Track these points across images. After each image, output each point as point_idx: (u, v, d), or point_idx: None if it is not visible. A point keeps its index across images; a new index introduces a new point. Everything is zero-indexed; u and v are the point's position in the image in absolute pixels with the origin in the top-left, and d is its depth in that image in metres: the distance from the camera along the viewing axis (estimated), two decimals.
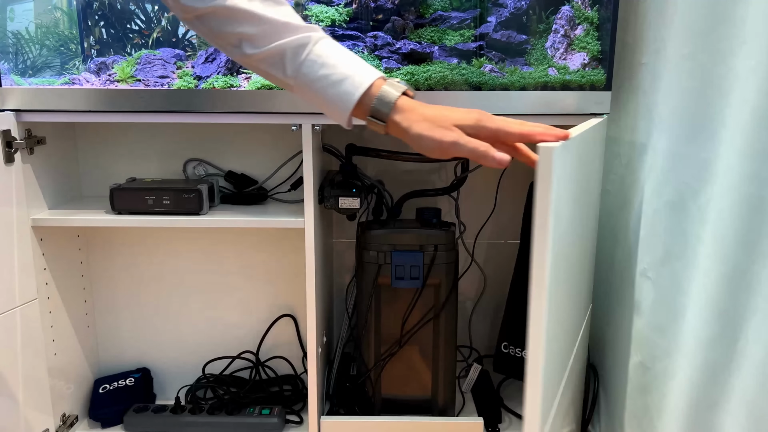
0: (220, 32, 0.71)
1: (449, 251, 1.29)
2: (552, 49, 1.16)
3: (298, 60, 0.70)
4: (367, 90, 0.69)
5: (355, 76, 0.69)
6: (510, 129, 0.68)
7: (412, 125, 0.68)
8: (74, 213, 1.26)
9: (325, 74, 0.69)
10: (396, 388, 1.36)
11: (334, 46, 0.71)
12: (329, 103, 0.70)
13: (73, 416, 1.39)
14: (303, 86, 0.71)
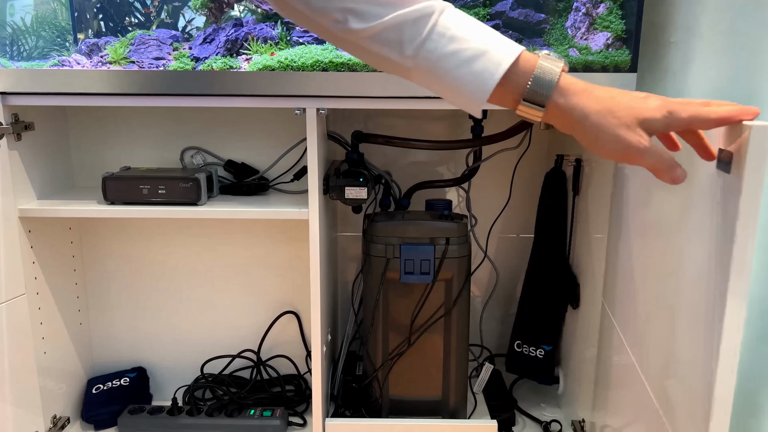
0: (321, 8, 0.58)
1: (462, 245, 1.22)
2: (573, 28, 1.09)
3: (421, 35, 0.57)
4: (512, 66, 0.56)
5: (494, 50, 0.56)
6: (707, 116, 0.55)
7: (589, 114, 0.55)
8: (65, 203, 1.20)
9: (456, 49, 0.56)
10: (405, 389, 1.29)
11: (464, 17, 0.58)
12: (462, 85, 0.57)
13: (65, 418, 1.32)
14: (426, 68, 0.58)
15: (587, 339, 1.21)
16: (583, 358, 1.24)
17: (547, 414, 1.37)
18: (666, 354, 0.79)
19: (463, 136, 1.34)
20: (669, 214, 0.82)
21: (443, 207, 1.26)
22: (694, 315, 0.70)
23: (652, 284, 0.88)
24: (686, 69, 0.99)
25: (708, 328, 0.64)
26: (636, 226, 0.97)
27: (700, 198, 0.68)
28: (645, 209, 0.93)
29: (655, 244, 0.87)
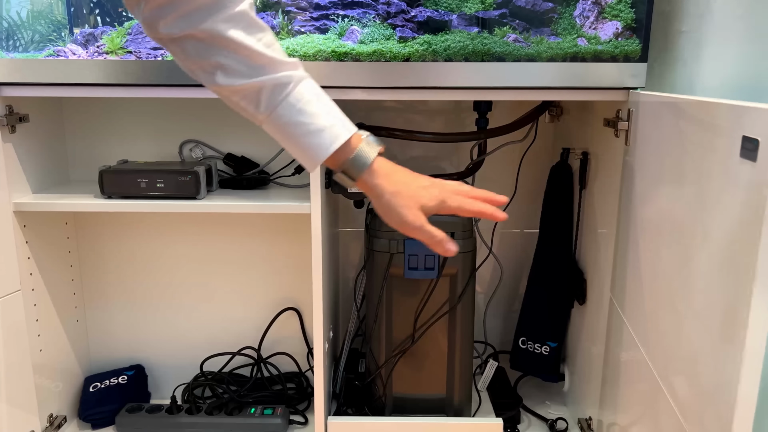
0: (196, 58, 0.66)
1: (467, 239, 1.20)
2: (581, 17, 1.06)
3: (276, 100, 0.67)
4: (341, 146, 0.69)
5: (332, 128, 0.68)
6: (467, 208, 0.72)
7: (384, 194, 0.70)
8: (61, 197, 1.17)
9: (302, 122, 0.67)
10: (408, 387, 1.27)
11: (314, 90, 0.69)
12: (301, 149, 0.69)
13: (61, 417, 1.30)
14: (275, 126, 0.69)
15: (594, 335, 1.19)
16: (590, 354, 1.22)
17: (552, 412, 1.35)
18: (683, 351, 0.77)
19: (464, 130, 1.32)
20: (685, 207, 0.79)
21: None
22: (713, 311, 0.68)
23: (667, 280, 0.85)
24: (698, 58, 0.96)
25: (729, 324, 0.61)
26: (648, 220, 0.94)
27: (720, 189, 0.66)
28: (657, 202, 0.91)
29: (670, 238, 0.85)
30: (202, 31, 0.64)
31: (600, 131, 1.15)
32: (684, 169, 0.80)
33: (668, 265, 0.85)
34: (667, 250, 0.86)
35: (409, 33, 1.05)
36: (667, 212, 0.86)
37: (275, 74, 0.66)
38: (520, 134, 1.34)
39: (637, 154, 0.98)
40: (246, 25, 0.66)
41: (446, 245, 0.72)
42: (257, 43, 0.66)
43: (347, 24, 1.05)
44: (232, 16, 0.65)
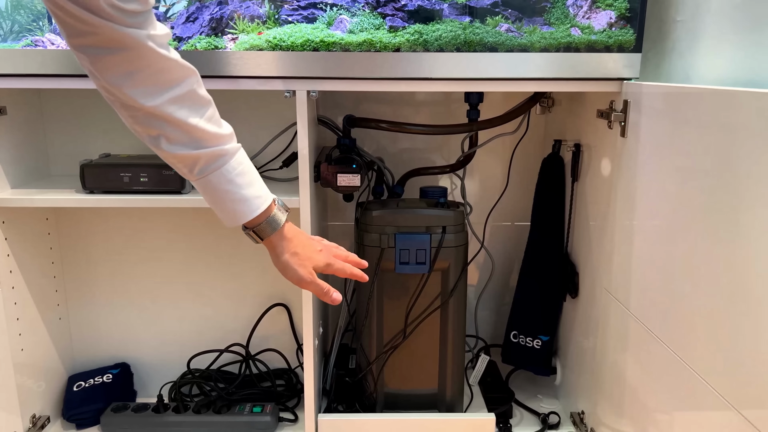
0: (144, 125, 0.72)
1: (458, 233, 1.18)
2: (574, 6, 1.04)
3: (209, 169, 0.75)
4: (260, 213, 0.79)
5: (255, 199, 0.78)
6: (346, 271, 0.87)
7: (284, 253, 0.82)
8: (41, 192, 1.14)
9: (230, 190, 0.77)
10: (400, 382, 1.25)
11: (243, 163, 0.78)
12: (225, 212, 0.79)
13: (45, 417, 1.27)
14: (203, 187, 0.77)
15: (587, 329, 1.18)
16: (582, 348, 1.21)
17: (544, 406, 1.34)
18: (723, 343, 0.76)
19: (455, 122, 1.29)
20: (699, 198, 0.78)
21: (439, 194, 1.22)
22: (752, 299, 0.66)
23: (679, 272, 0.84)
24: (694, 48, 0.95)
25: None
26: (652, 212, 0.93)
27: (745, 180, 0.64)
28: (662, 194, 0.89)
29: (680, 229, 0.83)
30: (151, 108, 0.70)
31: (592, 123, 1.13)
32: (695, 160, 0.79)
33: (680, 257, 0.84)
34: (677, 241, 0.85)
35: (400, 22, 1.02)
36: (677, 203, 0.84)
37: (212, 147, 0.74)
38: (512, 126, 1.32)
39: (636, 146, 0.97)
40: (192, 105, 0.72)
41: (332, 296, 0.85)
42: (200, 121, 0.73)
43: (336, 13, 1.03)
44: (180, 97, 0.71)
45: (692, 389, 0.81)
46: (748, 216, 0.69)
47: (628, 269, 1.01)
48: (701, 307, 0.79)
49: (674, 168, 0.85)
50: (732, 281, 0.73)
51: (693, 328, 0.81)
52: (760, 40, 0.77)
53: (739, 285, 0.72)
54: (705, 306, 0.78)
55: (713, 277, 0.76)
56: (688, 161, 0.82)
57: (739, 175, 0.71)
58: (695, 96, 0.81)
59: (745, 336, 0.70)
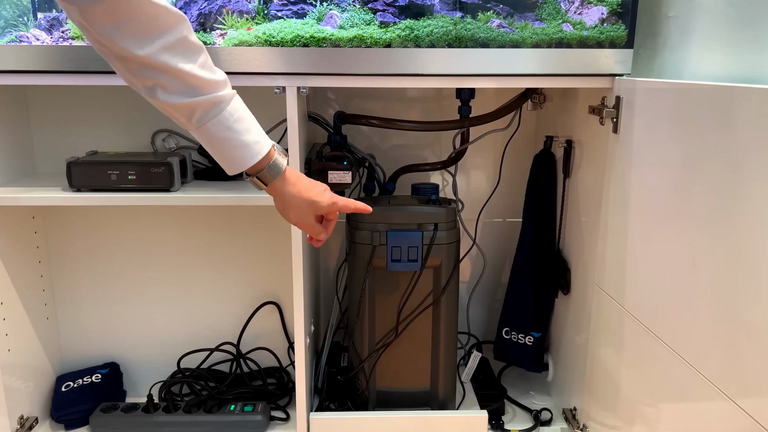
0: (138, 76, 0.73)
1: (450, 230, 1.17)
2: (566, 2, 1.04)
3: (206, 117, 0.76)
4: (261, 158, 0.80)
5: (255, 144, 0.79)
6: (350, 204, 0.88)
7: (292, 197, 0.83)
8: (27, 190, 1.13)
9: (228, 137, 0.77)
10: (392, 380, 1.25)
11: (240, 109, 0.79)
12: (226, 159, 0.79)
13: (33, 418, 1.25)
14: (203, 136, 0.78)
15: (579, 325, 1.18)
16: (574, 344, 1.21)
17: (537, 402, 1.34)
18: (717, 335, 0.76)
19: (446, 119, 1.29)
20: (699, 194, 0.78)
21: (431, 191, 1.21)
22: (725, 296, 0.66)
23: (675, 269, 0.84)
24: (685, 44, 0.95)
25: None
26: (646, 209, 0.93)
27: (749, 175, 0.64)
28: (658, 190, 0.89)
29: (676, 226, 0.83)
30: (144, 57, 0.70)
31: (584, 119, 1.13)
32: (688, 156, 0.79)
33: (672, 252, 0.83)
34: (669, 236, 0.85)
35: (390, 18, 1.01)
36: (669, 199, 0.84)
37: (209, 95, 0.75)
38: (503, 122, 1.31)
39: (628, 142, 0.97)
40: (184, 51, 0.72)
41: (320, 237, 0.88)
42: (194, 68, 0.73)
43: (326, 8, 1.02)
44: (172, 45, 0.71)
45: (686, 382, 0.81)
46: (740, 210, 0.69)
47: (620, 265, 1.01)
48: (695, 300, 0.79)
49: (667, 164, 0.85)
50: (724, 274, 0.73)
51: (686, 322, 0.81)
52: (752, 36, 0.77)
53: (731, 277, 0.72)
54: (698, 299, 0.78)
55: (706, 270, 0.77)
56: (681, 157, 0.82)
57: (733, 171, 0.71)
58: (689, 92, 0.81)
59: (739, 326, 0.71)
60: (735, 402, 0.72)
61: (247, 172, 0.81)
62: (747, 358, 0.70)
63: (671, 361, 0.85)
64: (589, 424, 1.16)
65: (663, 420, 0.89)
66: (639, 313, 0.95)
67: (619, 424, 1.03)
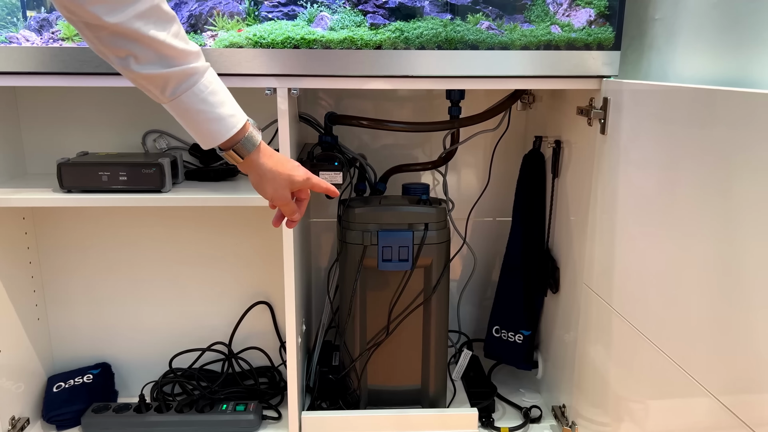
0: (110, 46, 0.71)
1: (441, 230, 1.18)
2: (554, 4, 1.05)
3: (180, 88, 0.74)
4: (237, 132, 0.79)
5: (230, 117, 0.78)
6: (321, 184, 0.88)
7: (267, 170, 0.83)
8: (17, 191, 1.12)
9: (203, 110, 0.76)
10: (383, 379, 1.26)
11: (214, 81, 0.77)
12: (201, 133, 0.78)
13: (24, 419, 1.25)
14: (177, 109, 0.77)
15: (568, 323, 1.19)
16: (563, 342, 1.23)
17: (526, 400, 1.35)
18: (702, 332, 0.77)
19: (436, 118, 1.30)
20: (685, 195, 0.79)
21: (421, 191, 1.22)
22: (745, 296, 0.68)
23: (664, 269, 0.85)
24: (671, 46, 0.96)
25: None
26: (633, 209, 0.94)
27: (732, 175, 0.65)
28: (644, 191, 0.91)
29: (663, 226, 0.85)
30: (115, 25, 0.68)
31: (572, 119, 1.14)
32: (674, 157, 0.80)
33: (659, 251, 0.85)
34: (656, 235, 0.86)
35: (381, 20, 1.02)
36: (655, 199, 0.86)
37: (182, 66, 0.73)
38: (493, 123, 1.33)
39: (615, 143, 0.98)
40: (157, 20, 0.71)
41: (294, 216, 0.87)
42: (167, 37, 0.72)
43: (316, 10, 1.02)
44: (144, 12, 0.69)
45: (671, 379, 0.83)
46: (723, 210, 0.71)
47: (607, 264, 1.02)
48: (680, 299, 0.81)
49: (653, 165, 0.87)
50: (709, 273, 0.74)
51: (672, 321, 0.83)
52: (735, 40, 0.79)
53: (716, 276, 0.73)
54: (683, 298, 0.80)
55: (690, 269, 0.78)
56: (666, 158, 0.83)
57: (716, 171, 0.72)
58: (673, 94, 0.82)
59: (723, 325, 0.72)
60: (718, 399, 0.73)
61: (222, 146, 0.79)
62: (729, 356, 0.71)
63: (657, 359, 0.86)
64: (578, 421, 1.17)
65: (650, 416, 0.90)
66: (626, 311, 0.96)
67: (608, 421, 1.04)
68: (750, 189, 0.67)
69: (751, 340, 0.67)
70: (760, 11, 0.73)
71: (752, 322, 0.67)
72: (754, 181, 0.66)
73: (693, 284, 0.78)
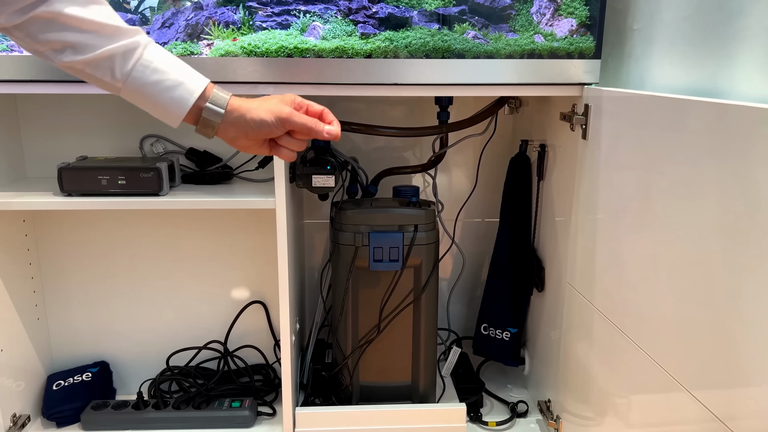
0: (43, 40, 0.69)
1: (430, 231, 1.22)
2: (538, 14, 1.09)
3: (128, 65, 0.71)
4: (200, 95, 0.74)
5: (187, 82, 0.73)
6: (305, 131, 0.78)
7: (246, 114, 0.75)
8: (18, 195, 1.15)
9: (158, 80, 0.72)
10: (375, 376, 1.30)
11: (162, 52, 0.74)
12: (163, 107, 0.73)
13: (25, 416, 1.28)
14: (133, 90, 0.73)
15: (553, 321, 1.24)
16: (548, 339, 1.27)
17: (514, 395, 1.40)
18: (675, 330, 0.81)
19: (428, 121, 1.34)
20: (659, 196, 0.83)
21: (411, 194, 1.26)
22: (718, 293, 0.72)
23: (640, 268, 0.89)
24: (648, 55, 1.00)
25: None
26: (612, 211, 0.99)
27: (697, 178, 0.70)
28: (622, 194, 0.95)
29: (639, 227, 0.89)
30: (42, 12, 0.67)
31: (556, 124, 1.18)
32: (649, 160, 0.85)
33: (636, 251, 0.89)
34: (633, 236, 0.90)
35: (371, 29, 1.06)
36: (633, 201, 0.90)
37: (122, 41, 0.70)
38: (480, 127, 1.37)
39: (596, 148, 1.02)
40: (82, 2, 0.69)
41: (320, 127, 0.78)
42: (98, 16, 0.69)
43: (309, 20, 1.06)
44: None
45: (649, 374, 0.87)
46: (693, 212, 0.75)
47: (589, 264, 1.06)
48: (655, 297, 0.85)
49: (630, 169, 0.91)
50: (680, 272, 0.79)
51: (648, 318, 0.87)
52: (706, 51, 0.83)
53: (686, 275, 0.77)
54: (658, 296, 0.84)
55: (664, 269, 0.82)
56: (642, 162, 0.87)
57: (687, 176, 0.76)
58: (649, 102, 0.86)
59: (694, 322, 0.76)
60: (692, 393, 0.77)
61: (188, 120, 0.74)
62: (701, 352, 0.75)
63: (635, 355, 0.90)
64: (563, 415, 1.21)
65: (631, 410, 0.94)
66: (606, 309, 1.01)
67: (591, 415, 1.09)
68: (714, 193, 0.71)
69: (719, 337, 0.71)
70: (726, 24, 0.77)
71: (720, 319, 0.71)
72: (718, 186, 0.70)
73: (666, 283, 0.82)
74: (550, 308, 1.26)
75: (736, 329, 0.68)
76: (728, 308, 0.70)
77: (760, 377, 0.65)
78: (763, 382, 0.64)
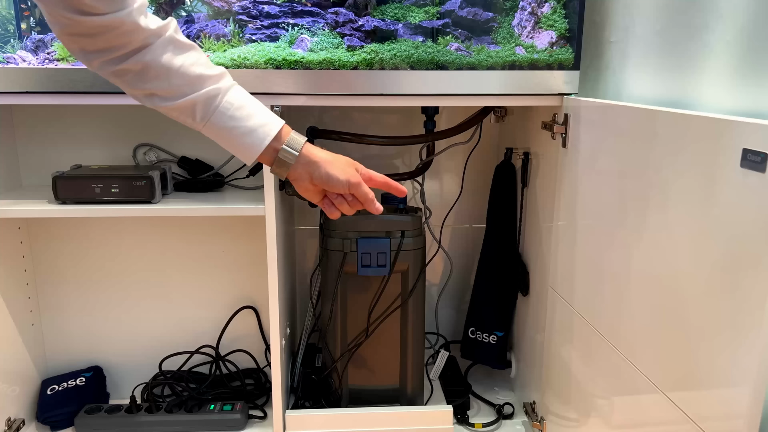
0: (135, 87, 0.75)
1: (416, 237, 1.25)
2: (519, 27, 1.13)
3: (209, 111, 0.77)
4: (274, 138, 0.79)
5: (262, 127, 0.79)
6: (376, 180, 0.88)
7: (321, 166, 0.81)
8: (13, 203, 1.17)
9: (234, 126, 0.77)
10: (363, 379, 1.32)
11: (242, 96, 0.79)
12: (237, 149, 0.79)
13: (19, 420, 1.30)
14: (212, 132, 0.79)
15: (537, 324, 1.27)
16: (534, 342, 1.30)
17: (500, 397, 1.42)
18: (651, 333, 0.85)
19: (416, 128, 1.37)
20: (634, 201, 0.87)
21: (398, 200, 1.29)
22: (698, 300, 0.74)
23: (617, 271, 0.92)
24: (624, 67, 1.04)
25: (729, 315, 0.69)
26: (592, 217, 1.02)
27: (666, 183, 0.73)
28: (600, 200, 0.98)
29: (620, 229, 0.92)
30: (134, 63, 0.73)
31: (539, 133, 1.22)
32: (624, 167, 0.88)
33: (613, 255, 0.92)
34: (610, 241, 0.93)
35: (357, 42, 1.09)
36: (610, 207, 0.93)
37: (204, 89, 0.76)
38: (466, 136, 1.40)
39: (575, 155, 1.06)
40: (174, 49, 0.75)
41: (376, 204, 0.86)
42: (184, 65, 0.75)
43: (297, 32, 1.09)
44: (159, 45, 0.74)
45: (626, 377, 0.90)
46: (663, 218, 0.78)
47: (570, 268, 1.10)
48: (629, 301, 0.88)
49: (607, 176, 0.94)
50: (652, 276, 0.82)
51: (623, 321, 0.90)
52: (675, 63, 0.87)
53: (658, 279, 0.80)
54: (632, 300, 0.87)
55: (638, 273, 0.85)
56: (617, 170, 0.91)
57: (658, 182, 0.80)
58: (622, 112, 0.90)
59: (666, 325, 0.79)
60: (666, 395, 0.80)
61: (264, 161, 0.79)
62: (673, 354, 0.78)
63: (614, 358, 0.93)
64: (547, 416, 1.24)
65: (612, 411, 0.97)
66: (586, 312, 1.04)
67: (575, 416, 1.11)
68: (682, 200, 0.74)
69: (689, 339, 0.74)
70: (693, 39, 0.81)
71: (689, 323, 0.74)
72: (685, 193, 0.74)
73: (639, 287, 0.85)
74: (534, 312, 1.29)
75: (705, 333, 0.71)
76: (697, 312, 0.73)
77: (727, 379, 0.68)
78: (730, 383, 0.67)
